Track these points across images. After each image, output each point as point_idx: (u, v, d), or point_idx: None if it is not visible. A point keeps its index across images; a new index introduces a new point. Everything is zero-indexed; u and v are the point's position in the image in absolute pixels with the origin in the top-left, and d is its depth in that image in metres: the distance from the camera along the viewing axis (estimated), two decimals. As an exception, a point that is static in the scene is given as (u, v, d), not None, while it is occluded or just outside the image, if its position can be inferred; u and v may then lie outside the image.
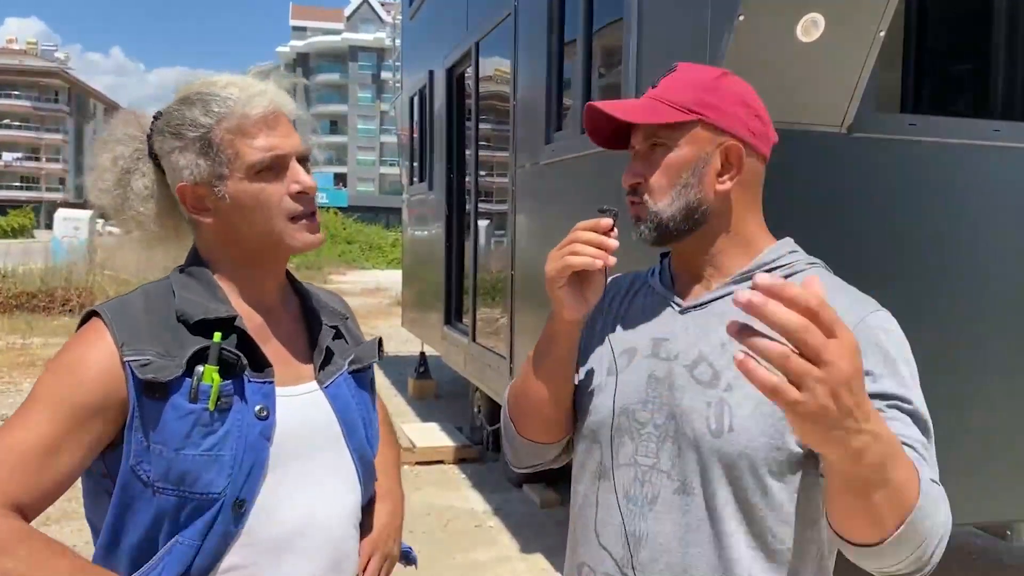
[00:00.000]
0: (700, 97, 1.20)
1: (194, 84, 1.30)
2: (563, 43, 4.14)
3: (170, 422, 1.16)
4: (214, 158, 1.23)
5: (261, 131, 1.24)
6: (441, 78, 6.56)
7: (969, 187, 2.79)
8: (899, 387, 1.11)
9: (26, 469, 1.12)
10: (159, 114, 1.30)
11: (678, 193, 1.20)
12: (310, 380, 1.32)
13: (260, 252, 1.28)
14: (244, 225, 1.25)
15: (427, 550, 4.40)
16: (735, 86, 1.23)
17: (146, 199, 1.29)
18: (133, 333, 1.18)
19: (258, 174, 1.23)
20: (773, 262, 1.23)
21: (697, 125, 1.20)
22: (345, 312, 1.47)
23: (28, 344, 10.51)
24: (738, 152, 1.21)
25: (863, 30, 2.40)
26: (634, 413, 1.23)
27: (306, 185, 1.26)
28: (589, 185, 3.70)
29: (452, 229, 6.42)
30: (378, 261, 29.78)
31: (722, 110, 1.20)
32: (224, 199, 1.24)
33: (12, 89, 75.67)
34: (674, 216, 1.20)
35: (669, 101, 1.20)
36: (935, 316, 2.72)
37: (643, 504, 1.20)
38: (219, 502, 1.18)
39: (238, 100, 1.24)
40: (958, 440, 2.74)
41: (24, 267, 14.28)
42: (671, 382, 1.20)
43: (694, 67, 1.26)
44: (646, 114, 1.20)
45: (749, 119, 1.22)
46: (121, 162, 1.29)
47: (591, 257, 1.16)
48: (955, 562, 4.39)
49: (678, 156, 1.20)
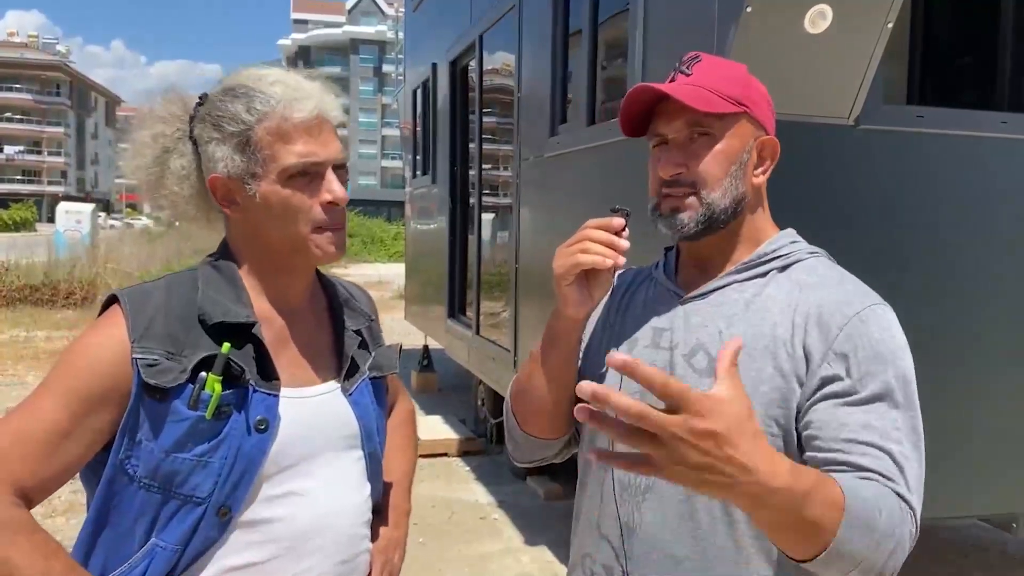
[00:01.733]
0: (743, 91, 1.20)
1: (242, 74, 1.28)
2: (568, 35, 4.13)
3: (166, 425, 1.17)
4: (250, 156, 1.22)
5: (301, 136, 1.22)
6: (444, 71, 6.55)
7: (976, 179, 2.78)
8: (882, 388, 1.10)
9: (35, 454, 1.12)
10: (204, 97, 1.29)
11: (730, 184, 1.19)
12: (328, 381, 1.32)
13: (283, 254, 1.28)
14: (269, 227, 1.25)
15: (432, 542, 4.41)
16: (759, 83, 1.25)
17: (182, 179, 1.28)
18: (147, 328, 1.18)
19: (291, 179, 1.22)
20: (773, 252, 1.23)
21: (743, 118, 1.20)
22: (371, 313, 1.46)
23: (32, 337, 10.53)
24: (774, 146, 1.23)
25: (871, 22, 2.39)
26: None
27: (337, 196, 1.25)
28: (593, 178, 3.69)
29: (455, 222, 6.41)
30: (380, 255, 29.77)
31: (759, 105, 1.22)
32: (254, 197, 1.23)
33: (13, 82, 75.69)
34: (726, 208, 1.19)
35: (718, 92, 1.18)
36: (941, 309, 2.71)
37: (637, 493, 1.20)
38: (203, 506, 1.18)
39: (282, 100, 1.22)
40: (964, 433, 2.74)
41: (27, 260, 14.30)
42: (669, 371, 1.19)
43: (720, 59, 1.26)
44: (704, 102, 1.17)
45: (772, 116, 1.26)
46: (162, 140, 1.28)
47: (601, 256, 1.16)
48: (961, 554, 4.40)
49: (727, 147, 1.19)
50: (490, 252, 5.66)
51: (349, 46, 75.51)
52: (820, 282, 1.19)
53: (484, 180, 5.75)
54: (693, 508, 1.16)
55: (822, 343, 1.12)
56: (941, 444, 2.71)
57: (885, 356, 1.12)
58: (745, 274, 1.22)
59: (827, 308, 1.14)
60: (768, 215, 1.28)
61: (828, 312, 1.14)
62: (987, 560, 4.35)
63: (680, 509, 1.17)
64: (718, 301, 1.21)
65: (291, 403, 1.24)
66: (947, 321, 2.72)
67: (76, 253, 15.40)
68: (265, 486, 1.22)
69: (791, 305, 1.16)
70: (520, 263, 4.74)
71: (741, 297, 1.20)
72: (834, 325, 1.13)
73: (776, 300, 1.18)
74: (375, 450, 1.36)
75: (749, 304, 1.19)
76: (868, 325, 1.13)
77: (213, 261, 1.29)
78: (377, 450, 1.37)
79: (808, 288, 1.18)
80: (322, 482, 1.27)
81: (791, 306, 1.16)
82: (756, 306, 1.18)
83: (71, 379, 1.16)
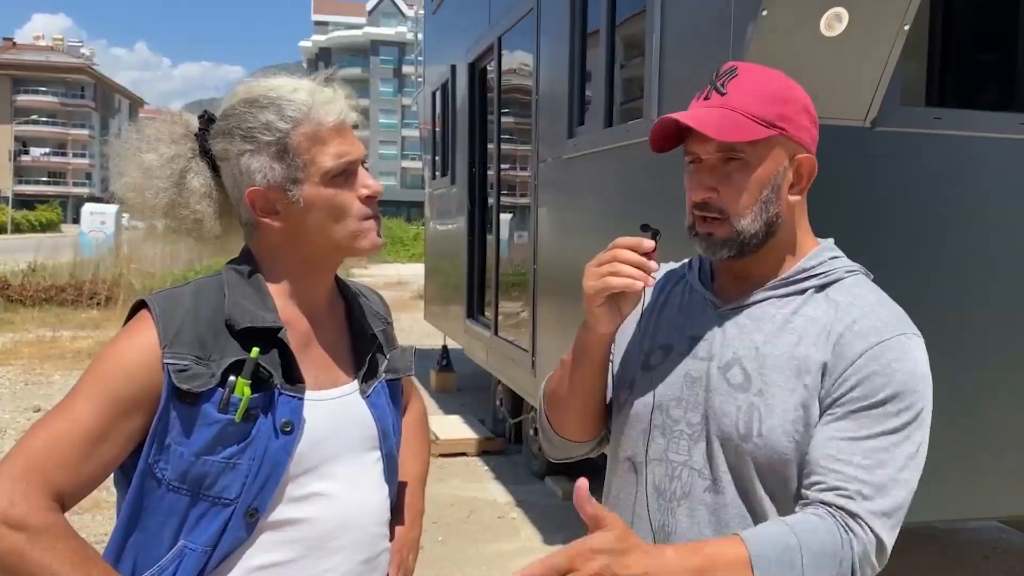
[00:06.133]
0: (780, 111, 1.17)
1: (256, 87, 1.30)
2: (585, 37, 4.14)
3: (196, 429, 1.19)
4: (290, 162, 1.25)
5: (334, 138, 1.26)
6: (463, 72, 6.58)
7: (995, 181, 2.77)
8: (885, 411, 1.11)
9: (70, 458, 1.14)
10: (208, 114, 1.31)
11: (760, 209, 1.17)
12: (347, 383, 1.35)
13: (321, 256, 1.31)
14: (314, 228, 1.27)
15: (451, 541, 4.44)
16: (800, 94, 1.21)
17: (203, 197, 1.30)
18: (177, 333, 1.20)
19: (332, 179, 1.26)
20: (813, 268, 1.22)
21: (778, 140, 1.17)
22: (387, 316, 1.50)
23: (58, 336, 10.67)
24: (811, 165, 1.20)
25: (887, 24, 2.39)
26: (668, 410, 1.24)
27: (374, 190, 1.30)
28: (611, 180, 3.70)
29: (474, 223, 6.44)
30: (400, 255, 29.88)
31: (797, 123, 1.18)
32: (297, 203, 1.26)
33: (39, 85, 76.56)
34: (757, 233, 1.18)
35: (751, 115, 1.15)
36: (961, 311, 2.71)
37: (672, 500, 1.21)
38: (231, 508, 1.20)
39: (312, 106, 1.26)
40: (983, 435, 2.73)
41: (52, 261, 14.49)
42: (706, 383, 1.21)
43: (758, 71, 1.21)
44: (731, 131, 1.15)
45: (812, 127, 1.21)
46: (180, 160, 1.30)
47: (632, 279, 1.15)
48: (981, 556, 4.37)
49: (761, 173, 1.17)
50: (508, 253, 5.68)
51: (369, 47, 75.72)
52: (856, 305, 1.18)
53: (502, 181, 5.77)
54: (729, 516, 1.17)
55: (838, 372, 1.13)
56: (962, 446, 2.70)
57: (897, 387, 1.12)
58: (783, 290, 1.22)
59: (853, 336, 1.14)
60: (807, 227, 1.26)
61: (852, 340, 1.14)
62: (1007, 562, 4.32)
63: (717, 516, 1.18)
64: (756, 315, 1.21)
65: (313, 405, 1.27)
66: (968, 323, 2.71)
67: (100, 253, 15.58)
68: (290, 487, 1.25)
69: (826, 328, 1.16)
70: (538, 264, 4.76)
71: (779, 314, 1.20)
72: (855, 352, 1.13)
73: (813, 321, 1.18)
74: (391, 451, 1.39)
75: (786, 322, 1.19)
76: (888, 353, 1.13)
77: (236, 266, 1.32)
78: (394, 450, 1.40)
79: (843, 310, 1.17)
80: (344, 483, 1.30)
81: (826, 329, 1.16)
82: (793, 325, 1.18)
83: (104, 383, 1.19)
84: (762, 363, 1.17)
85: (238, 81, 1.36)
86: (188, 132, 1.31)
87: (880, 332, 1.14)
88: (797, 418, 1.14)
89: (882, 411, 1.11)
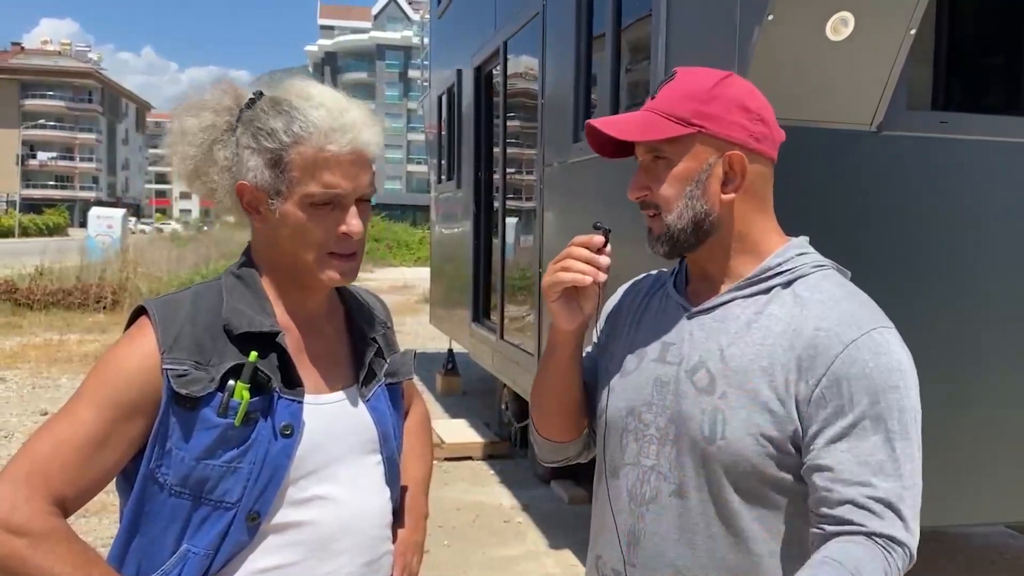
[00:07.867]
0: (698, 108, 1.18)
1: (291, 87, 1.30)
2: (591, 42, 4.15)
3: (196, 433, 1.20)
4: (278, 175, 1.25)
5: (332, 167, 1.24)
6: (469, 76, 6.59)
7: (1001, 185, 2.77)
8: (874, 421, 1.10)
9: (73, 463, 1.15)
10: (258, 95, 1.30)
11: (686, 206, 1.20)
12: (347, 388, 1.35)
13: (296, 270, 1.30)
14: (285, 242, 1.27)
15: (456, 545, 4.44)
16: (734, 91, 1.21)
17: (223, 170, 1.29)
18: (176, 339, 1.21)
19: (312, 205, 1.25)
20: (779, 266, 1.22)
21: (697, 137, 1.19)
22: (386, 320, 1.50)
23: (65, 340, 10.70)
24: (740, 161, 1.19)
25: (893, 29, 2.39)
26: (640, 415, 1.25)
27: (352, 231, 1.27)
28: (616, 184, 3.70)
29: (480, 227, 6.45)
30: (405, 258, 29.90)
31: (722, 119, 1.19)
32: (274, 213, 1.26)
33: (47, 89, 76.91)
34: (684, 228, 1.21)
35: (667, 114, 1.19)
36: (965, 315, 2.70)
37: (642, 504, 1.23)
38: (232, 511, 1.21)
39: (320, 129, 1.23)
40: (990, 440, 2.73)
41: (60, 265, 14.54)
42: (675, 387, 1.21)
43: (693, 73, 1.24)
44: (644, 131, 1.20)
45: (751, 124, 1.20)
46: (212, 132, 1.29)
47: (581, 274, 1.20)
48: (988, 561, 4.35)
49: (681, 169, 1.20)
50: (514, 257, 5.69)
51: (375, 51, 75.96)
52: (821, 301, 1.17)
53: (508, 185, 5.78)
54: (694, 521, 1.18)
55: (814, 379, 1.12)
56: (968, 451, 2.69)
57: (878, 387, 1.11)
58: (748, 290, 1.21)
59: (823, 335, 1.13)
60: (770, 227, 1.26)
61: (823, 342, 1.13)
62: (1016, 568, 4.31)
63: (683, 521, 1.19)
64: (722, 317, 1.22)
65: (313, 409, 1.28)
66: (973, 327, 2.71)
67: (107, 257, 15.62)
68: (291, 490, 1.25)
69: (791, 326, 1.16)
70: (544, 267, 4.76)
71: (744, 314, 1.20)
72: (828, 357, 1.12)
73: (778, 319, 1.17)
74: (392, 454, 1.40)
75: (751, 323, 1.19)
76: (862, 353, 1.12)
77: (236, 271, 1.33)
78: (395, 454, 1.41)
79: (809, 307, 1.17)
80: (345, 486, 1.30)
81: (791, 326, 1.16)
82: (758, 325, 1.18)
83: (105, 388, 1.20)
84: (726, 365, 1.17)
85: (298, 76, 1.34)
86: (233, 105, 1.30)
87: (850, 331, 1.13)
88: (764, 420, 1.13)
89: (873, 418, 1.10)
